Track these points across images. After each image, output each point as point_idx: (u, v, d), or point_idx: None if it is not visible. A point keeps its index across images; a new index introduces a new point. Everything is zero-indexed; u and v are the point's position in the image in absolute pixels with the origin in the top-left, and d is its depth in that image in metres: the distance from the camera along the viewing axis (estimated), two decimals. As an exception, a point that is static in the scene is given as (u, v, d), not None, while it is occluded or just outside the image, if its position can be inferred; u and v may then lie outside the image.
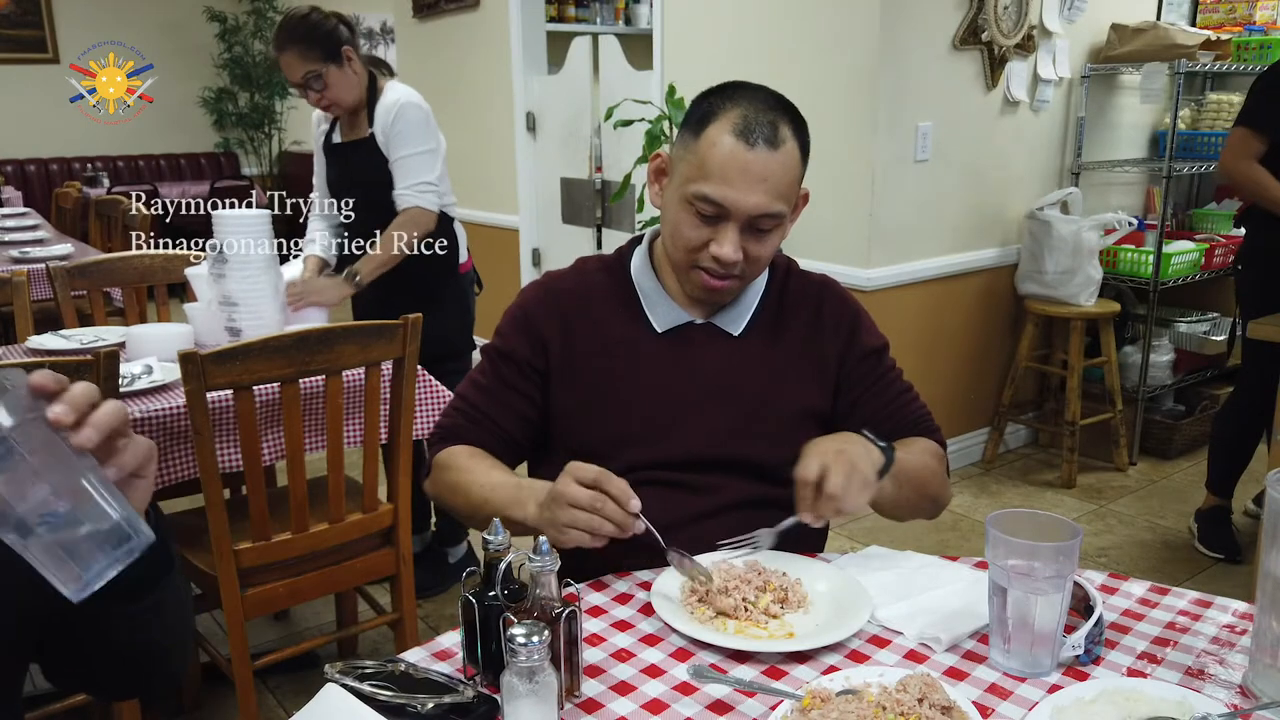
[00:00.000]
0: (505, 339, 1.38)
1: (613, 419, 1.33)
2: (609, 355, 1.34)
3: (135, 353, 2.12)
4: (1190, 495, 3.39)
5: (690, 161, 1.24)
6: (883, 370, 1.42)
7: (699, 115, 1.25)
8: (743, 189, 1.21)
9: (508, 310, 1.42)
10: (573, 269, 1.44)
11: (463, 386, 1.41)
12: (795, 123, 1.25)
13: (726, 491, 1.31)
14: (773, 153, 1.21)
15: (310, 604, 2.56)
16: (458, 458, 1.33)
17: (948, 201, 3.45)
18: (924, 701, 0.86)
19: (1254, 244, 2.98)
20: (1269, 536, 0.90)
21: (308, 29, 2.49)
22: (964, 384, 3.69)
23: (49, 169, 7.61)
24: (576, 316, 1.36)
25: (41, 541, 0.69)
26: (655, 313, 1.36)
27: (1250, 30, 3.94)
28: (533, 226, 4.73)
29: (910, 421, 1.41)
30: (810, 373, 1.37)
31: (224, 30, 7.75)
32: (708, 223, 1.24)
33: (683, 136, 1.28)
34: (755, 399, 1.34)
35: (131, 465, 0.75)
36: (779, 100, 1.27)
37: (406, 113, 2.54)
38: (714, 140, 1.22)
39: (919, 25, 3.19)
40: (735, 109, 1.22)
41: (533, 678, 0.80)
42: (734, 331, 1.36)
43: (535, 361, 1.35)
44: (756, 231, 1.25)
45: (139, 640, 0.89)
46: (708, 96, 1.28)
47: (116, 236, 4.18)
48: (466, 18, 4.83)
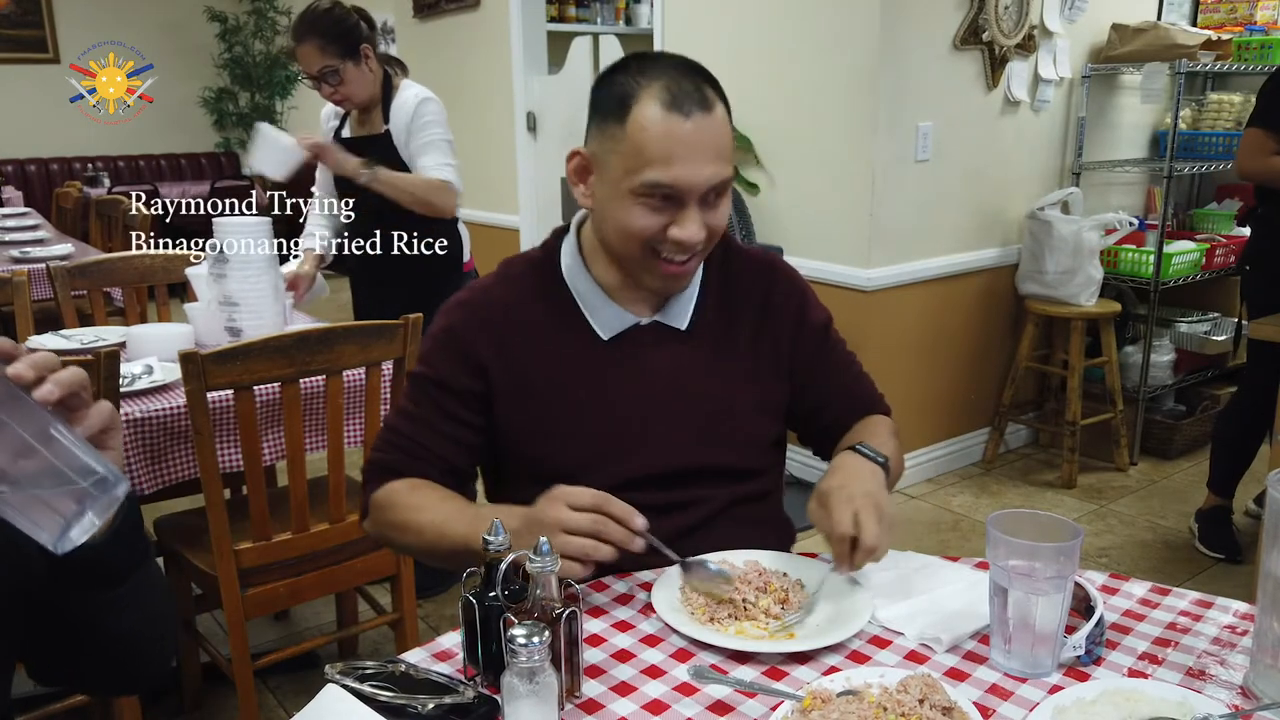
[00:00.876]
0: (434, 366, 1.27)
1: (572, 440, 1.24)
2: (555, 370, 1.25)
3: (135, 353, 2.12)
4: (1191, 495, 3.39)
5: (622, 152, 1.14)
6: (831, 347, 1.38)
7: (614, 100, 1.15)
8: (691, 164, 1.12)
9: (429, 333, 1.31)
10: (497, 276, 1.32)
11: (391, 418, 1.31)
12: (710, 80, 1.17)
13: (707, 501, 1.26)
14: (708, 116, 1.13)
15: (310, 604, 2.56)
16: (398, 495, 1.23)
17: (948, 201, 3.45)
18: (925, 702, 0.86)
19: (1260, 245, 2.98)
20: (1270, 537, 0.90)
21: (330, 23, 2.48)
22: (964, 384, 3.69)
23: (49, 169, 7.61)
24: (512, 331, 1.25)
25: (20, 493, 0.69)
26: (597, 318, 1.26)
27: (1251, 30, 3.93)
28: (533, 226, 4.73)
29: (864, 399, 1.39)
30: (765, 364, 1.32)
31: (224, 30, 7.76)
32: (662, 209, 1.15)
33: (601, 127, 1.17)
34: (714, 401, 1.28)
35: (97, 424, 0.77)
36: (687, 62, 1.18)
37: (429, 105, 2.57)
38: (643, 122, 1.12)
39: (919, 25, 3.19)
40: (653, 83, 1.13)
41: (533, 678, 0.80)
42: (680, 326, 1.28)
43: (473, 385, 1.24)
44: (709, 203, 1.17)
45: (123, 630, 0.89)
46: (613, 77, 1.18)
47: (117, 236, 4.19)
48: (467, 18, 4.83)
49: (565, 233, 1.33)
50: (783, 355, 1.33)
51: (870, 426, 1.34)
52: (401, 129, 2.57)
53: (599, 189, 1.20)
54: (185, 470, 1.91)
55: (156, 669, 0.98)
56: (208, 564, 1.88)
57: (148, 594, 0.90)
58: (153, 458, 1.87)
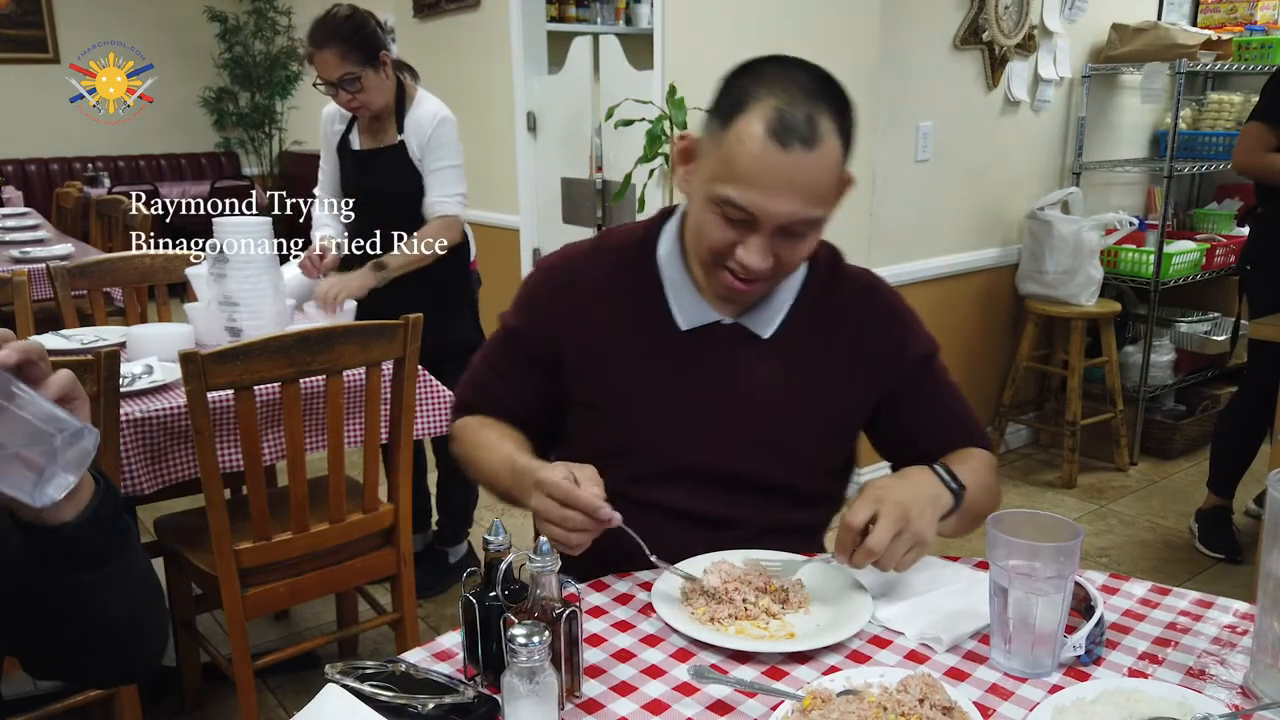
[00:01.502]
0: (518, 318, 1.32)
1: (623, 423, 1.25)
2: (624, 348, 1.25)
3: (136, 353, 2.12)
4: (1191, 495, 3.39)
5: (717, 156, 1.11)
6: (930, 378, 1.31)
7: (730, 101, 1.11)
8: (773, 195, 1.08)
9: (525, 282, 1.34)
10: (593, 244, 1.33)
11: (478, 355, 1.37)
12: (837, 109, 1.10)
13: (751, 508, 1.24)
14: (809, 153, 1.07)
15: (310, 604, 2.56)
16: (469, 431, 1.31)
17: (948, 201, 3.45)
18: (925, 702, 0.86)
19: (1259, 244, 2.98)
20: (1270, 537, 0.90)
21: (351, 30, 2.45)
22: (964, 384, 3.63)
23: (49, 169, 7.61)
24: (592, 304, 1.26)
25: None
26: (680, 307, 1.24)
27: (1251, 30, 3.93)
28: (533, 226, 4.73)
29: (958, 429, 1.31)
30: (847, 386, 1.27)
31: (224, 30, 7.75)
32: (734, 226, 1.12)
33: (712, 121, 1.13)
34: (779, 412, 1.25)
35: (56, 391, 0.77)
36: (819, 84, 1.11)
37: (446, 127, 2.57)
38: (742, 136, 1.07)
39: (919, 25, 3.19)
40: (769, 99, 1.07)
41: (533, 678, 0.80)
42: (764, 334, 1.25)
43: (541, 354, 1.28)
44: (789, 235, 1.12)
45: (111, 618, 0.90)
46: (740, 76, 1.13)
47: (117, 236, 4.18)
48: (467, 18, 4.82)
49: (671, 214, 1.30)
50: (872, 382, 1.28)
51: (961, 456, 1.28)
52: (416, 144, 2.57)
53: (694, 180, 1.17)
54: (185, 470, 1.91)
55: (149, 658, 0.98)
56: (208, 564, 1.88)
57: (133, 581, 0.90)
58: (153, 458, 1.87)
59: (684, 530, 1.21)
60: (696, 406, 1.24)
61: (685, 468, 1.24)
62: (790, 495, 1.27)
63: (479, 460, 1.28)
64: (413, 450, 2.05)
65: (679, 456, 1.25)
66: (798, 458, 1.26)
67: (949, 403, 1.33)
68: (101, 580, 0.86)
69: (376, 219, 2.58)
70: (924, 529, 1.08)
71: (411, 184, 2.58)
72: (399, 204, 2.54)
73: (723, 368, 1.25)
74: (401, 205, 2.53)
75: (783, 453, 1.25)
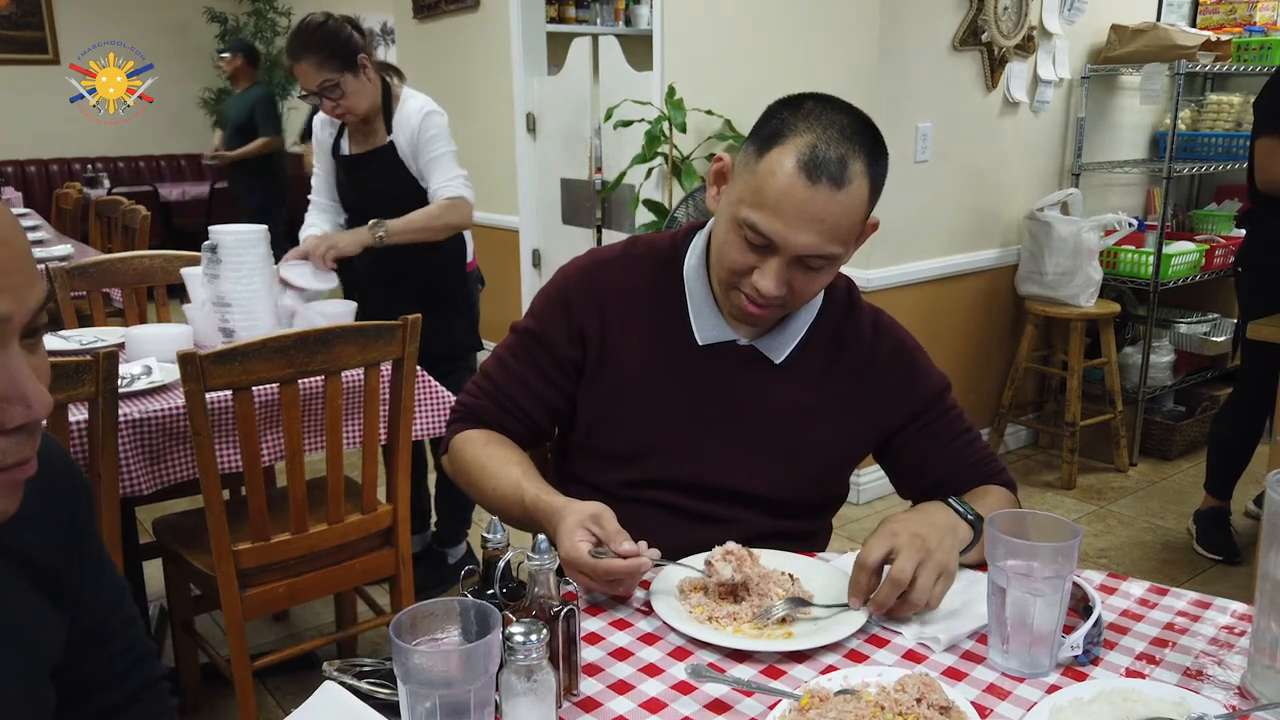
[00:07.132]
0: (542, 321, 1.31)
1: (631, 429, 1.28)
2: (642, 358, 1.28)
3: (135, 353, 2.12)
4: (1190, 496, 3.39)
5: (748, 181, 1.14)
6: (940, 414, 1.32)
7: (769, 130, 1.15)
8: (795, 227, 1.11)
9: (546, 288, 1.34)
10: (622, 251, 1.34)
11: (489, 363, 1.35)
12: (870, 155, 1.15)
13: (734, 524, 1.26)
14: (835, 193, 1.11)
15: (310, 605, 2.56)
16: (474, 446, 1.28)
17: (948, 202, 3.45)
18: (922, 701, 0.86)
19: (1254, 245, 2.98)
20: (1268, 538, 0.90)
21: (325, 37, 2.45)
22: (964, 385, 3.69)
23: (49, 169, 7.62)
24: (617, 309, 1.29)
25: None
26: (699, 322, 1.28)
27: (1250, 31, 3.94)
28: (533, 227, 4.73)
29: (970, 466, 1.31)
30: (850, 418, 1.29)
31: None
32: (754, 250, 1.15)
33: (748, 148, 1.17)
34: (782, 435, 1.27)
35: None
36: (858, 127, 1.15)
37: (433, 119, 2.55)
38: (774, 166, 1.11)
39: (919, 25, 3.19)
40: (807, 134, 1.11)
41: (531, 676, 0.80)
42: (776, 359, 1.28)
43: (570, 353, 1.29)
44: (806, 267, 1.16)
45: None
46: (783, 108, 1.17)
47: (116, 237, 4.18)
48: (467, 18, 4.83)
49: (699, 229, 1.33)
50: (876, 416, 1.30)
51: (980, 492, 1.28)
52: (406, 142, 2.56)
53: (723, 200, 1.21)
54: (184, 471, 1.91)
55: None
56: (206, 564, 1.88)
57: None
58: (152, 458, 1.87)
59: (679, 529, 1.23)
60: (702, 421, 1.27)
61: (683, 478, 1.27)
62: (770, 507, 1.29)
63: (480, 482, 1.26)
64: (411, 451, 2.05)
65: (679, 466, 1.27)
66: (794, 482, 1.29)
67: (959, 439, 1.33)
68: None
69: (368, 214, 2.57)
70: (946, 557, 1.07)
71: (403, 185, 2.57)
72: (392, 206, 2.54)
73: (734, 387, 1.28)
74: (394, 208, 2.53)
75: (780, 475, 1.28)
